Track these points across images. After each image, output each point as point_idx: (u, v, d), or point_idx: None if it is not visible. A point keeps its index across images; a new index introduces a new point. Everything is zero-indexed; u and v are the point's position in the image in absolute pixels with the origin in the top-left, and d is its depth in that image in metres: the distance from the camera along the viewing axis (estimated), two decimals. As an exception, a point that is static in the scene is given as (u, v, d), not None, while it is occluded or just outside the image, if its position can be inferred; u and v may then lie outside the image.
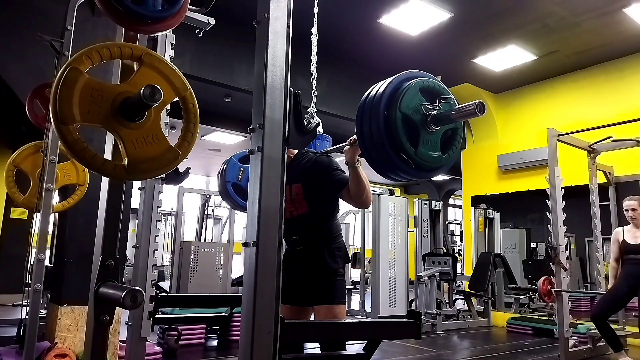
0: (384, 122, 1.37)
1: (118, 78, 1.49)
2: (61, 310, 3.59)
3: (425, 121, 1.40)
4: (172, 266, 6.28)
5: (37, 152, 2.89)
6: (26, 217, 7.27)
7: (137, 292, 1.08)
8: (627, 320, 5.48)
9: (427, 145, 1.41)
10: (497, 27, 5.91)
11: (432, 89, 1.45)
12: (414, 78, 1.45)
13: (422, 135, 1.40)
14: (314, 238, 2.18)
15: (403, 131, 1.36)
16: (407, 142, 1.36)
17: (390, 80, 1.43)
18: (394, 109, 1.36)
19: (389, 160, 1.40)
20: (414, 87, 1.41)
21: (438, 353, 5.05)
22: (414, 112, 1.39)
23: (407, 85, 1.40)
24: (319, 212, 2.19)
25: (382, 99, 1.39)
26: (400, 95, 1.38)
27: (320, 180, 2.14)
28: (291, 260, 2.15)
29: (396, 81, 1.42)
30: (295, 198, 2.16)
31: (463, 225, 9.36)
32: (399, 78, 1.43)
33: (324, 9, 2.74)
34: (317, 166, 2.15)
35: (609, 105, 6.76)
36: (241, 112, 6.96)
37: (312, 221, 2.19)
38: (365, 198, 2.05)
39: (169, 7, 1.44)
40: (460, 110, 1.40)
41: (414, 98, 1.40)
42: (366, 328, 1.71)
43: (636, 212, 4.28)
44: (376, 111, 1.38)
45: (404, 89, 1.39)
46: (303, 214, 2.17)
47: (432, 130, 1.41)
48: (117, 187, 1.39)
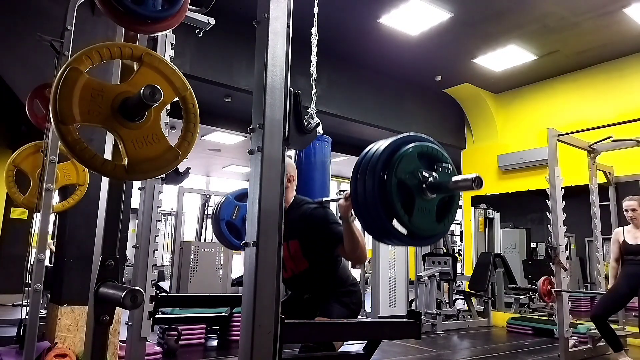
0: (378, 187, 1.31)
1: (118, 78, 1.49)
2: (61, 310, 3.59)
3: (422, 188, 1.35)
4: (172, 266, 6.28)
5: (37, 152, 2.89)
6: (26, 217, 7.27)
7: (137, 292, 1.08)
8: (627, 320, 5.48)
9: (422, 213, 1.35)
10: (497, 27, 5.91)
11: (431, 154, 1.40)
12: (413, 142, 1.39)
13: (418, 202, 1.34)
14: (320, 290, 2.13)
15: (398, 198, 1.31)
16: (401, 210, 1.31)
17: (388, 143, 1.37)
18: (390, 174, 1.31)
19: (383, 227, 1.35)
20: (412, 152, 1.35)
21: (438, 353, 5.05)
22: (411, 178, 1.34)
23: (405, 150, 1.35)
24: (321, 267, 2.12)
25: (378, 161, 1.33)
26: (397, 160, 1.32)
27: (316, 236, 2.05)
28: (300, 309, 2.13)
29: (394, 144, 1.37)
30: (295, 255, 2.09)
31: (463, 225, 9.36)
32: (397, 141, 1.38)
33: (324, 9, 2.74)
34: (313, 221, 2.06)
35: (609, 105, 6.76)
36: (241, 112, 6.96)
37: (315, 277, 2.13)
38: (360, 254, 1.96)
39: (169, 7, 1.44)
40: (457, 182, 1.35)
41: (411, 164, 1.34)
42: (366, 328, 1.71)
43: (636, 212, 4.28)
44: (372, 174, 1.33)
45: (401, 153, 1.34)
46: (304, 270, 2.11)
47: (428, 197, 1.36)
48: (117, 187, 1.39)
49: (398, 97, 7.63)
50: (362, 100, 7.11)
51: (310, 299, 2.17)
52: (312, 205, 2.11)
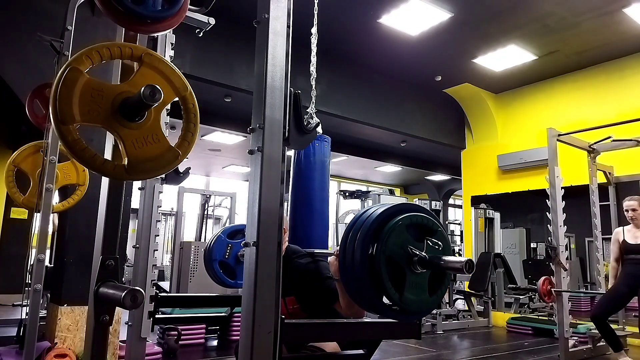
0: (367, 261, 1.27)
1: (118, 78, 1.49)
2: (61, 310, 3.59)
3: (412, 261, 1.30)
4: (172, 266, 6.28)
5: (37, 152, 2.89)
6: (26, 217, 7.27)
7: (137, 292, 1.08)
8: (627, 320, 5.48)
9: (413, 289, 1.30)
10: (497, 27, 5.91)
11: (422, 225, 1.35)
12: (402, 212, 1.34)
13: (408, 277, 1.29)
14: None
15: (387, 276, 1.26)
16: (392, 288, 1.26)
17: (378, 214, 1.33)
18: (379, 249, 1.26)
19: (370, 301, 1.32)
20: (401, 225, 1.30)
21: (438, 353, 5.05)
22: (400, 253, 1.29)
23: (394, 224, 1.30)
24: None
25: (366, 237, 1.29)
26: (386, 234, 1.28)
27: (311, 293, 2.00)
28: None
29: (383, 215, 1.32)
30: (293, 311, 2.05)
31: (463, 225, 9.36)
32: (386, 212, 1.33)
33: (324, 9, 2.74)
34: (306, 276, 2.01)
35: (609, 105, 6.76)
36: (241, 112, 6.96)
37: None
38: (357, 311, 1.88)
39: (169, 7, 1.44)
40: (449, 264, 1.30)
41: (400, 237, 1.29)
42: (366, 328, 1.71)
43: (636, 212, 4.28)
44: (360, 249, 1.29)
45: (390, 227, 1.29)
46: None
47: (418, 271, 1.31)
48: (117, 187, 1.39)
49: (398, 97, 7.63)
50: (362, 100, 7.11)
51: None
52: (303, 260, 2.06)
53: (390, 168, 12.40)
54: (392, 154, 10.78)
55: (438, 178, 13.76)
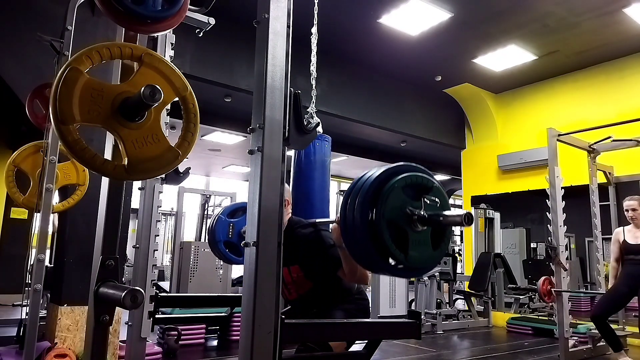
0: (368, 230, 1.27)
1: (118, 78, 1.49)
2: (61, 310, 3.59)
3: (412, 221, 1.31)
4: (172, 266, 6.28)
5: (37, 152, 2.89)
6: (26, 217, 7.27)
7: (137, 292, 1.08)
8: (627, 320, 5.48)
9: (417, 246, 1.31)
10: (497, 27, 5.91)
11: (418, 184, 1.35)
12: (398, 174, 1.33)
13: (411, 236, 1.30)
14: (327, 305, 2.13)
15: (390, 239, 1.26)
16: (395, 249, 1.27)
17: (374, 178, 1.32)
18: (379, 215, 1.26)
19: (376, 265, 1.33)
20: (397, 188, 1.30)
21: (438, 353, 5.05)
22: (399, 214, 1.29)
23: (390, 186, 1.30)
24: (325, 285, 2.12)
25: (364, 203, 1.29)
26: (384, 199, 1.28)
27: (315, 260, 2.04)
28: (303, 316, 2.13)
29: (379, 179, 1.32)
30: (297, 279, 2.09)
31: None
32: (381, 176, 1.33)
33: (324, 9, 2.74)
34: (309, 245, 2.04)
35: (609, 105, 6.76)
36: (241, 112, 6.96)
37: (320, 294, 2.13)
38: (360, 276, 1.93)
39: (169, 7, 1.44)
40: (448, 219, 1.31)
41: (398, 199, 1.30)
42: (366, 328, 1.71)
43: (636, 212, 4.28)
44: (359, 216, 1.29)
45: (387, 190, 1.29)
46: (309, 290, 2.11)
47: (419, 229, 1.32)
48: (117, 187, 1.39)
49: (398, 97, 7.63)
50: (362, 100, 7.11)
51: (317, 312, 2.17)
52: (306, 230, 2.09)
53: (390, 168, 12.37)
54: (392, 154, 10.77)
55: (438, 178, 13.53)
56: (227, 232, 2.44)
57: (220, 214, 2.49)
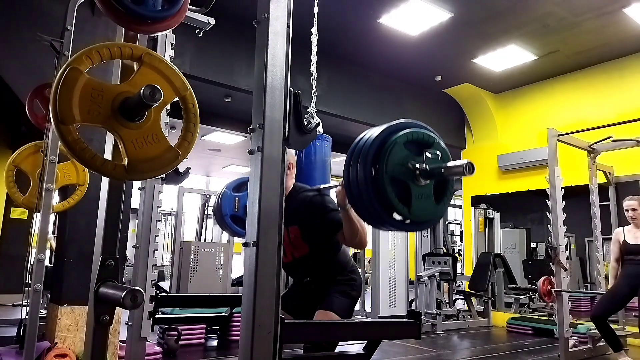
0: (371, 183, 1.30)
1: (118, 78, 1.49)
2: (61, 310, 3.59)
3: (415, 175, 1.33)
4: (172, 266, 6.28)
5: (37, 152, 2.89)
6: (26, 217, 7.27)
7: (137, 292, 1.08)
8: (627, 320, 5.48)
9: (420, 200, 1.34)
10: (497, 27, 5.91)
11: (420, 140, 1.38)
12: (400, 130, 1.37)
13: (414, 190, 1.33)
14: (320, 276, 2.15)
15: (392, 192, 1.28)
16: (398, 203, 1.29)
17: (375, 135, 1.36)
18: (381, 169, 1.29)
19: (381, 219, 1.35)
20: (399, 143, 1.33)
21: (438, 353, 5.05)
22: (402, 169, 1.31)
23: (392, 141, 1.33)
24: (321, 252, 2.14)
25: (367, 158, 1.32)
26: (386, 154, 1.30)
27: (315, 222, 2.07)
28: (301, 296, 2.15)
29: (381, 136, 1.35)
30: (294, 240, 2.11)
31: (463, 225, 9.36)
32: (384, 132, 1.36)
33: (324, 9, 2.74)
34: (311, 207, 2.07)
35: (609, 105, 6.76)
36: (241, 112, 6.96)
37: (315, 261, 2.15)
38: (359, 240, 1.98)
39: (169, 7, 1.44)
40: (450, 169, 1.34)
41: (400, 154, 1.32)
42: (366, 328, 1.71)
43: (636, 212, 4.28)
44: (363, 171, 1.32)
45: (389, 145, 1.32)
46: (305, 255, 2.13)
47: (422, 183, 1.35)
48: (117, 187, 1.39)
49: (398, 97, 7.63)
50: (362, 100, 7.11)
51: (310, 283, 2.18)
52: (310, 193, 2.14)
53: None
54: (392, 154, 10.78)
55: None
56: (233, 206, 2.47)
57: (225, 189, 2.51)
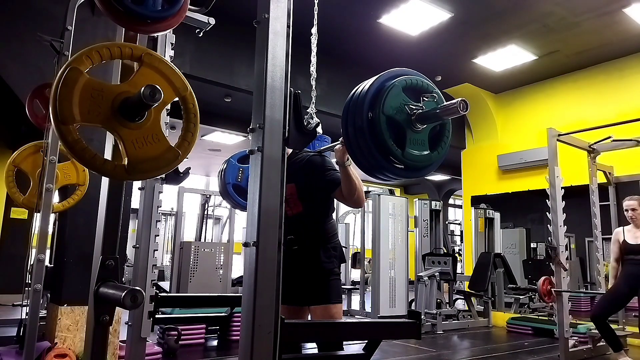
0: (368, 125, 1.34)
1: (118, 78, 1.49)
2: (61, 310, 3.59)
3: (411, 120, 1.37)
4: (172, 266, 6.28)
5: (37, 152, 2.89)
6: (26, 217, 7.27)
7: (137, 292, 1.08)
8: (627, 320, 5.48)
9: (415, 145, 1.38)
10: (497, 27, 5.91)
11: (416, 86, 1.42)
12: (397, 77, 1.41)
13: (409, 135, 1.37)
14: (309, 238, 2.17)
15: (388, 133, 1.33)
16: (393, 145, 1.33)
17: (372, 81, 1.40)
18: (378, 111, 1.33)
19: (376, 162, 1.38)
20: (397, 86, 1.38)
21: (438, 353, 5.05)
22: (398, 112, 1.36)
23: (390, 85, 1.37)
24: (314, 212, 2.19)
25: (365, 100, 1.36)
26: (383, 96, 1.35)
27: (313, 181, 2.13)
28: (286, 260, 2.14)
29: (378, 81, 1.39)
30: (289, 198, 2.14)
31: (463, 225, 9.36)
32: (381, 78, 1.41)
33: (324, 9, 2.74)
34: (310, 166, 2.14)
35: (609, 105, 6.76)
36: (241, 112, 6.97)
37: (306, 221, 2.18)
38: (357, 197, 2.04)
39: (169, 7, 1.44)
40: (444, 109, 1.38)
41: (397, 98, 1.37)
42: (366, 328, 1.71)
43: (636, 212, 4.28)
44: (360, 113, 1.36)
45: (386, 89, 1.36)
46: (297, 213, 2.17)
47: (418, 129, 1.39)
48: (117, 187, 1.39)
49: (398, 97, 7.62)
50: (362, 100, 7.10)
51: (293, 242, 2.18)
52: (310, 153, 2.20)
53: (390, 168, 12.38)
54: (392, 154, 10.78)
55: (438, 178, 13.76)
56: (236, 175, 2.51)
57: (231, 158, 2.56)
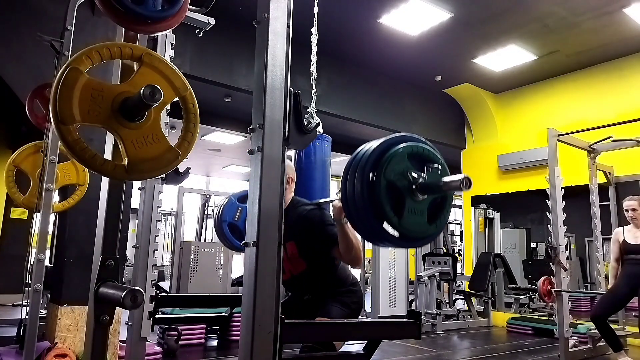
0: (367, 188, 1.29)
1: (118, 78, 1.49)
2: (61, 310, 3.59)
3: (412, 189, 1.33)
4: (172, 266, 6.28)
5: (37, 152, 2.89)
6: (26, 217, 7.27)
7: (137, 292, 1.08)
8: (627, 320, 5.48)
9: (413, 215, 1.33)
10: (497, 27, 5.91)
11: (421, 155, 1.37)
12: (403, 142, 1.36)
13: (408, 203, 1.32)
14: (320, 292, 2.12)
15: (387, 199, 1.28)
16: (390, 212, 1.28)
17: (378, 144, 1.35)
18: (379, 175, 1.28)
19: (372, 228, 1.33)
20: (402, 153, 1.33)
21: (438, 353, 5.05)
22: (400, 179, 1.32)
23: (395, 151, 1.32)
24: (319, 268, 2.12)
25: (367, 162, 1.31)
26: (386, 161, 1.30)
27: (312, 237, 2.05)
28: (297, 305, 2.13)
29: (384, 145, 1.34)
30: (291, 257, 2.08)
31: (463, 225, 9.36)
32: (387, 142, 1.35)
33: (324, 9, 2.74)
34: (309, 221, 2.06)
35: (609, 105, 6.76)
36: (241, 112, 6.96)
37: (313, 277, 2.12)
38: (355, 256, 1.95)
39: (169, 7, 1.44)
40: (447, 183, 1.33)
41: (401, 164, 1.32)
42: (366, 328, 1.71)
43: (636, 212, 4.28)
44: (360, 175, 1.31)
45: (391, 154, 1.31)
46: (302, 271, 2.10)
47: (418, 198, 1.34)
48: (117, 187, 1.39)
49: (398, 97, 7.63)
50: (362, 100, 7.11)
51: (310, 300, 2.16)
52: (308, 207, 2.12)
53: (390, 168, 12.39)
54: (392, 154, 10.78)
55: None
56: (234, 214, 2.48)
57: (232, 196, 2.53)
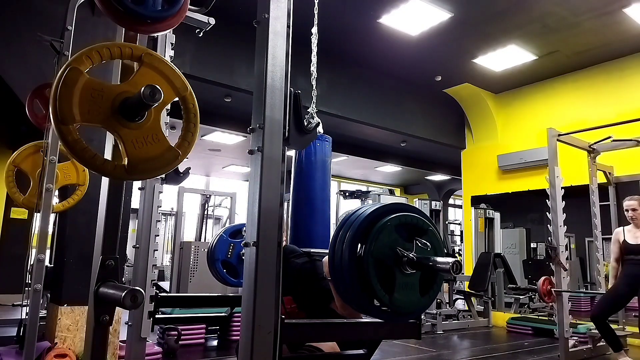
0: (355, 266, 1.24)
1: (118, 78, 1.49)
2: (61, 310, 3.59)
3: (402, 262, 1.26)
4: (172, 266, 6.28)
5: (37, 152, 2.89)
6: (26, 217, 7.27)
7: (137, 292, 1.08)
8: (627, 320, 5.48)
9: (404, 290, 1.26)
10: (497, 27, 5.91)
11: (411, 224, 1.31)
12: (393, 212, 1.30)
13: (398, 278, 1.25)
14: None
15: (376, 278, 1.22)
16: (380, 290, 1.22)
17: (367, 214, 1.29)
18: (367, 251, 1.23)
19: (363, 306, 1.29)
20: (390, 226, 1.27)
21: (438, 353, 5.05)
22: (389, 253, 1.25)
23: (383, 224, 1.26)
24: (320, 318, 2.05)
25: (355, 236, 1.26)
26: (374, 235, 1.24)
27: (307, 292, 1.99)
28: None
29: (372, 215, 1.29)
30: (291, 311, 2.03)
31: (463, 225, 9.36)
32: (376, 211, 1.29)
33: (324, 9, 2.74)
34: (303, 277, 2.00)
35: (609, 105, 6.76)
36: (241, 112, 6.96)
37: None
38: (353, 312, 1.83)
39: (169, 7, 1.44)
40: (436, 264, 1.26)
41: (389, 237, 1.26)
42: (366, 328, 1.70)
43: (636, 212, 4.28)
44: (347, 250, 1.26)
45: (378, 228, 1.25)
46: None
47: (408, 272, 1.27)
48: (117, 187, 1.39)
49: (398, 97, 7.63)
50: (362, 100, 7.11)
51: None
52: (299, 260, 2.07)
53: (390, 168, 12.41)
54: (392, 154, 10.79)
55: (438, 178, 13.75)
56: (226, 251, 2.45)
57: (223, 233, 2.50)
